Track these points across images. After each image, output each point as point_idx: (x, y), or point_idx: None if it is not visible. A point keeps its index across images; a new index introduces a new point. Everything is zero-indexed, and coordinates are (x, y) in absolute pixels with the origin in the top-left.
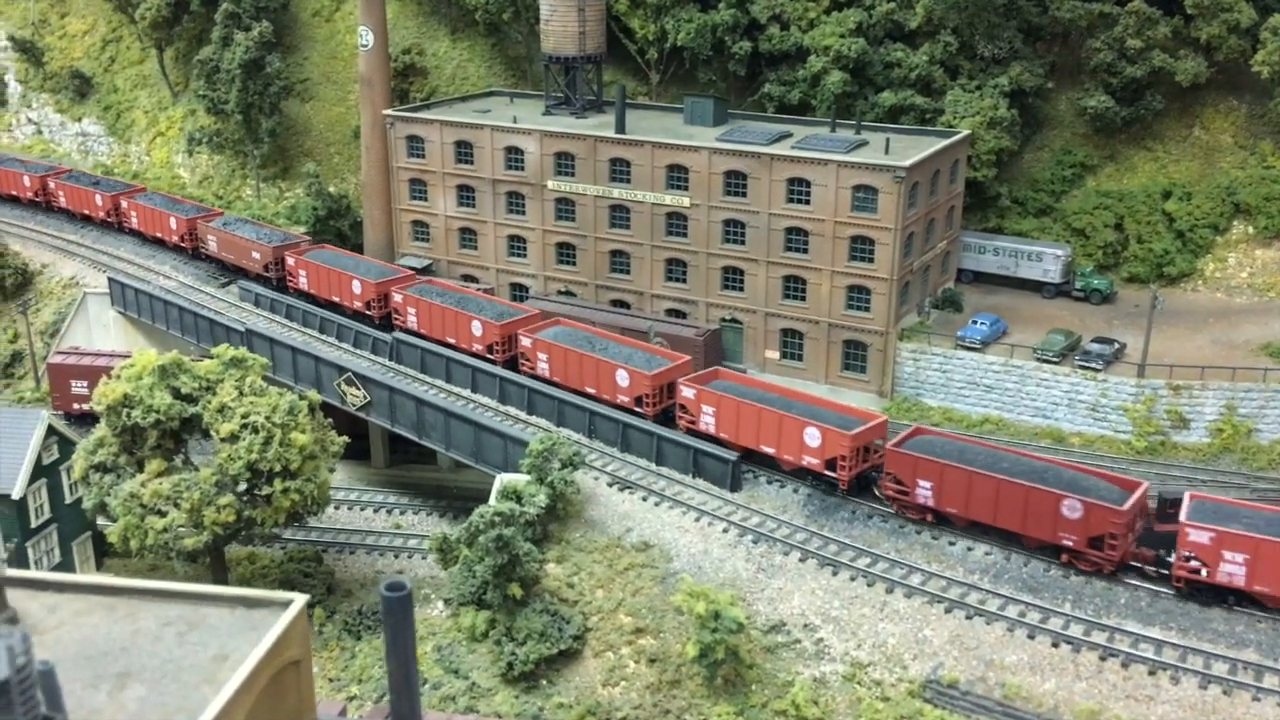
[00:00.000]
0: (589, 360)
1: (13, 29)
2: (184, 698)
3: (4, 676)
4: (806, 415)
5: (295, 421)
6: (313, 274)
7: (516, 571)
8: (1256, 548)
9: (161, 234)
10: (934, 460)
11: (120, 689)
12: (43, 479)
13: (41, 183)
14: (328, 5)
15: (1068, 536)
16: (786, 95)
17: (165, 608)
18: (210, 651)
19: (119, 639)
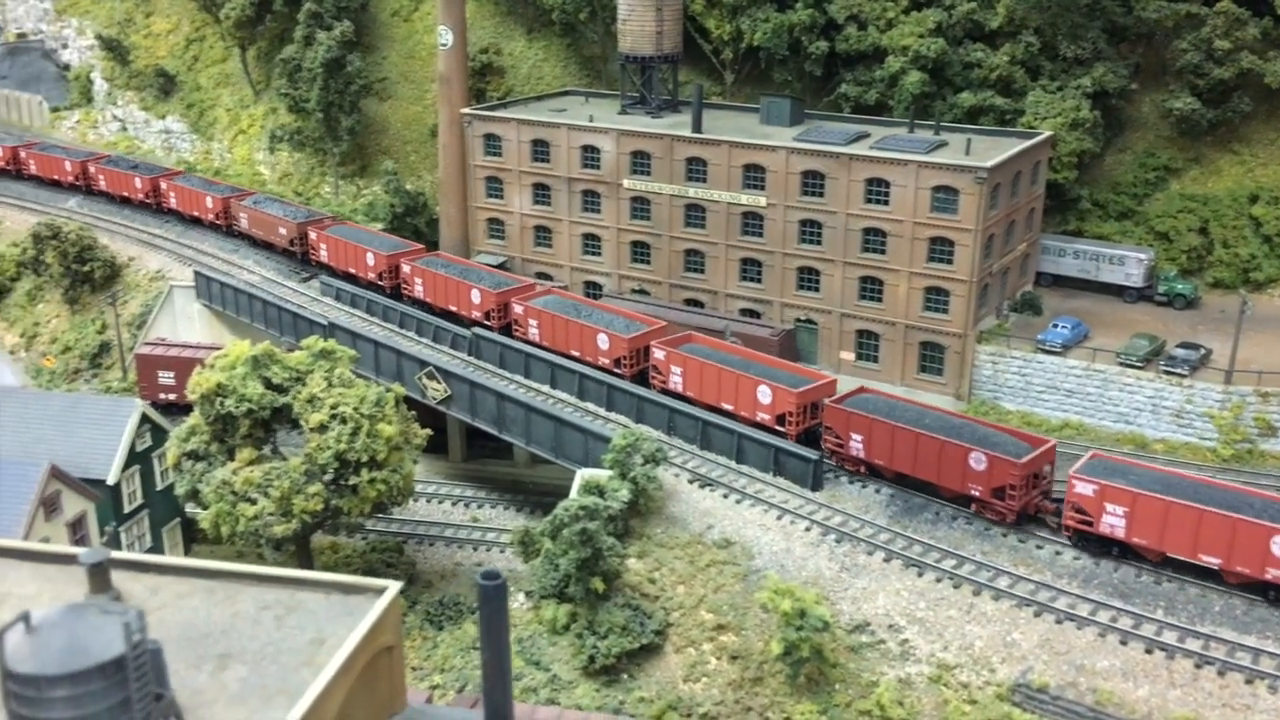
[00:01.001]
0: (574, 325)
1: (99, 28)
2: (284, 680)
3: (121, 652)
4: (761, 375)
5: (382, 413)
6: (331, 246)
7: (599, 565)
8: (1134, 501)
9: (198, 212)
10: (864, 415)
11: (222, 669)
12: (136, 466)
13: (82, 167)
14: (406, 5)
15: (975, 487)
16: (863, 95)
17: (263, 591)
18: (308, 635)
19: (219, 621)
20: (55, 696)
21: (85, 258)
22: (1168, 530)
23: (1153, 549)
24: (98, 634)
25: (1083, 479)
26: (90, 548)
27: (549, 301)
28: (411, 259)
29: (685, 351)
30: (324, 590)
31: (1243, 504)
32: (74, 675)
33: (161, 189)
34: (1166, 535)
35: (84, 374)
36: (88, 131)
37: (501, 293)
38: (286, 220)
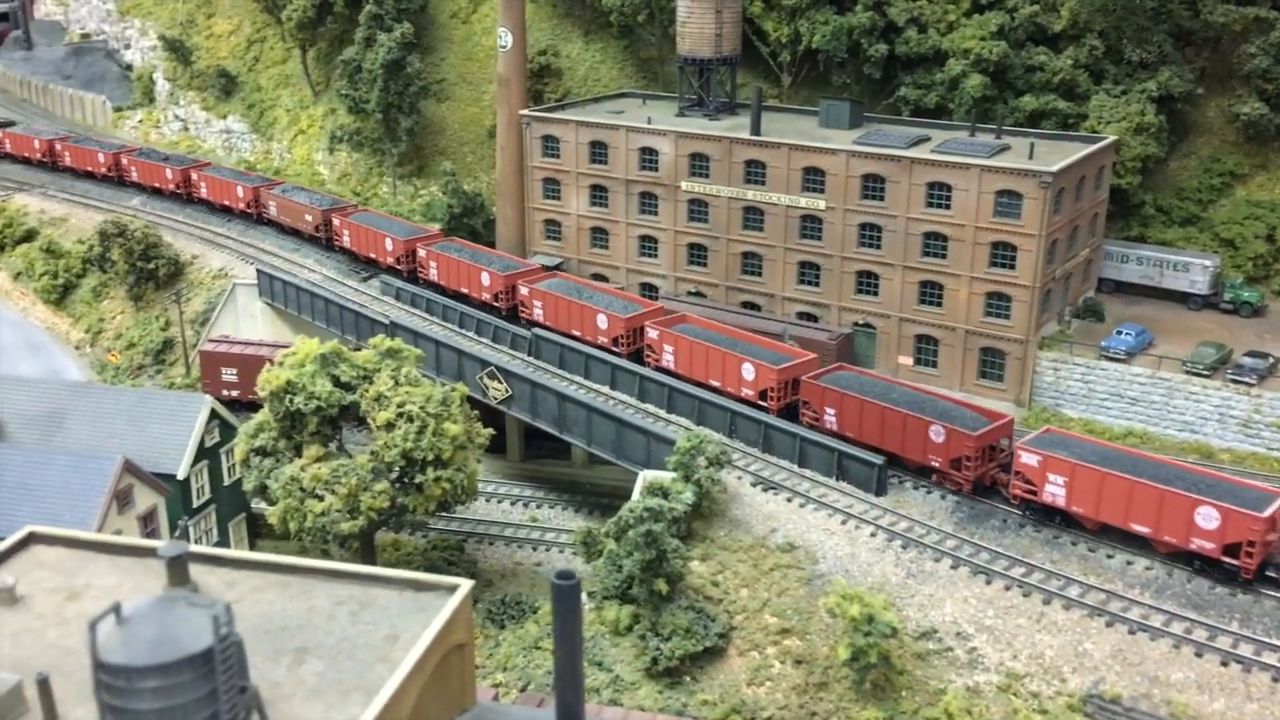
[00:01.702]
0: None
1: (162, 29)
2: (360, 675)
3: (209, 645)
4: (745, 353)
5: (448, 412)
6: (353, 232)
7: (663, 567)
8: (1073, 471)
9: (229, 201)
10: (836, 390)
11: (299, 664)
12: (204, 461)
13: (115, 159)
14: (465, 7)
15: (934, 458)
16: (923, 98)
17: (337, 587)
18: (382, 631)
19: (295, 615)
20: (145, 687)
21: (150, 255)
22: (1103, 500)
23: (1090, 518)
24: (186, 626)
25: (1028, 450)
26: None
27: (553, 284)
28: (427, 244)
29: (677, 331)
30: (396, 587)
31: (1174, 477)
32: (163, 667)
33: (192, 179)
34: (1102, 505)
35: (148, 370)
36: (150, 131)
37: (509, 275)
38: (312, 207)
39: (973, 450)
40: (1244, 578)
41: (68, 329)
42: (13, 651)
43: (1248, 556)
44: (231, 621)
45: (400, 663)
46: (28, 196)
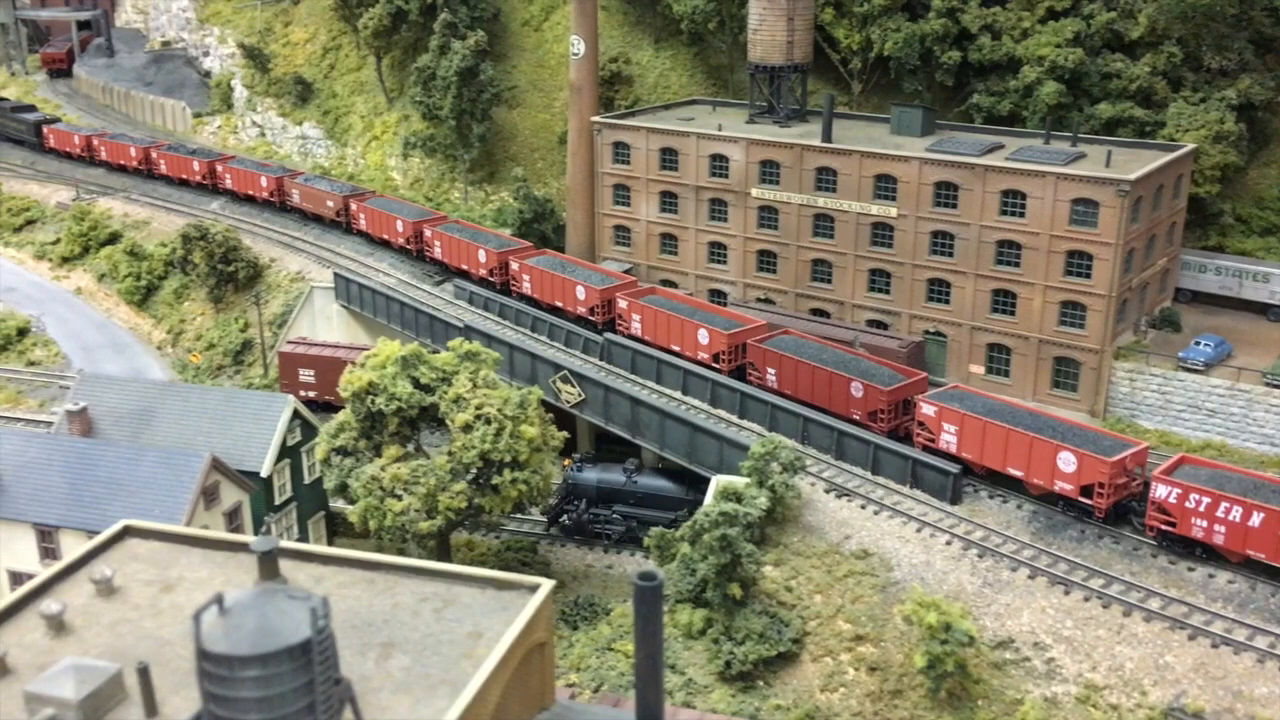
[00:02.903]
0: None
1: (240, 36)
2: (445, 670)
3: (307, 636)
4: (701, 320)
5: (525, 414)
6: (369, 216)
7: (737, 572)
8: (962, 421)
9: (253, 191)
10: (775, 352)
11: (386, 658)
12: (286, 460)
13: (145, 153)
14: (537, 15)
15: (855, 411)
16: (996, 106)
17: (421, 584)
18: (466, 628)
19: (381, 611)
20: (246, 676)
21: (230, 258)
22: (985, 446)
23: (976, 462)
24: (285, 618)
25: (927, 402)
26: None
27: (541, 261)
28: (432, 225)
29: (644, 301)
30: (479, 585)
31: (1045, 426)
32: (264, 656)
33: (218, 171)
34: (985, 450)
35: (227, 370)
36: (228, 136)
37: (502, 253)
38: (333, 194)
39: (885, 404)
40: (1097, 516)
41: (150, 329)
42: (111, 641)
43: (1099, 497)
44: (328, 614)
45: (484, 660)
46: (111, 200)
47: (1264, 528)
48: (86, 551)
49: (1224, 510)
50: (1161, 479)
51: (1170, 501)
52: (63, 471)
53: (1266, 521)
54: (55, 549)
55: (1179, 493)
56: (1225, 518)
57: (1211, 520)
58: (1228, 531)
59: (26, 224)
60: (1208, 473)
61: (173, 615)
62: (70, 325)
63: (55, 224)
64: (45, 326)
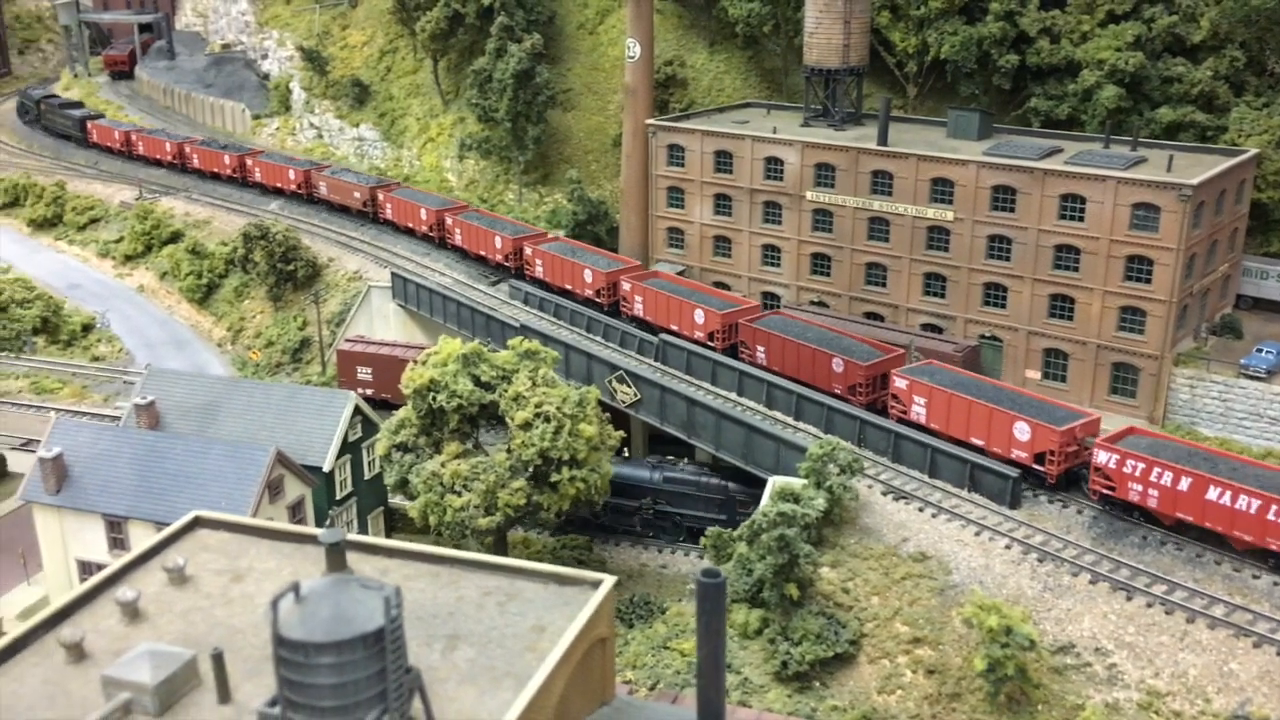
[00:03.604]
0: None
1: (299, 39)
2: (509, 663)
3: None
4: (698, 300)
5: (583, 413)
6: (395, 206)
7: (795, 572)
8: (930, 393)
9: (280, 184)
10: (765, 331)
11: (451, 650)
12: (347, 455)
13: (179, 148)
14: (592, 19)
15: (836, 385)
16: (1054, 110)
17: (484, 578)
18: (529, 622)
19: (445, 604)
20: (321, 663)
21: (290, 257)
22: (951, 417)
23: (943, 432)
24: (360, 606)
25: (899, 376)
26: (329, 529)
27: (552, 246)
28: (454, 214)
29: (645, 284)
30: (541, 580)
31: (1004, 398)
32: (339, 644)
33: (247, 165)
34: (951, 420)
35: (285, 367)
36: (286, 138)
37: (517, 239)
38: (360, 185)
39: (863, 378)
40: (1049, 483)
41: (210, 327)
42: (184, 628)
43: (1051, 464)
44: (401, 604)
45: (548, 653)
46: (173, 200)
47: (1191, 492)
48: (158, 541)
49: (1156, 475)
50: (1102, 445)
51: (1110, 467)
52: (132, 463)
53: (1194, 486)
54: (124, 539)
55: (1117, 459)
56: (1158, 482)
57: (1146, 485)
58: (1160, 495)
59: (91, 222)
60: (1148, 441)
61: (243, 604)
62: (133, 322)
63: (119, 223)
64: (110, 323)
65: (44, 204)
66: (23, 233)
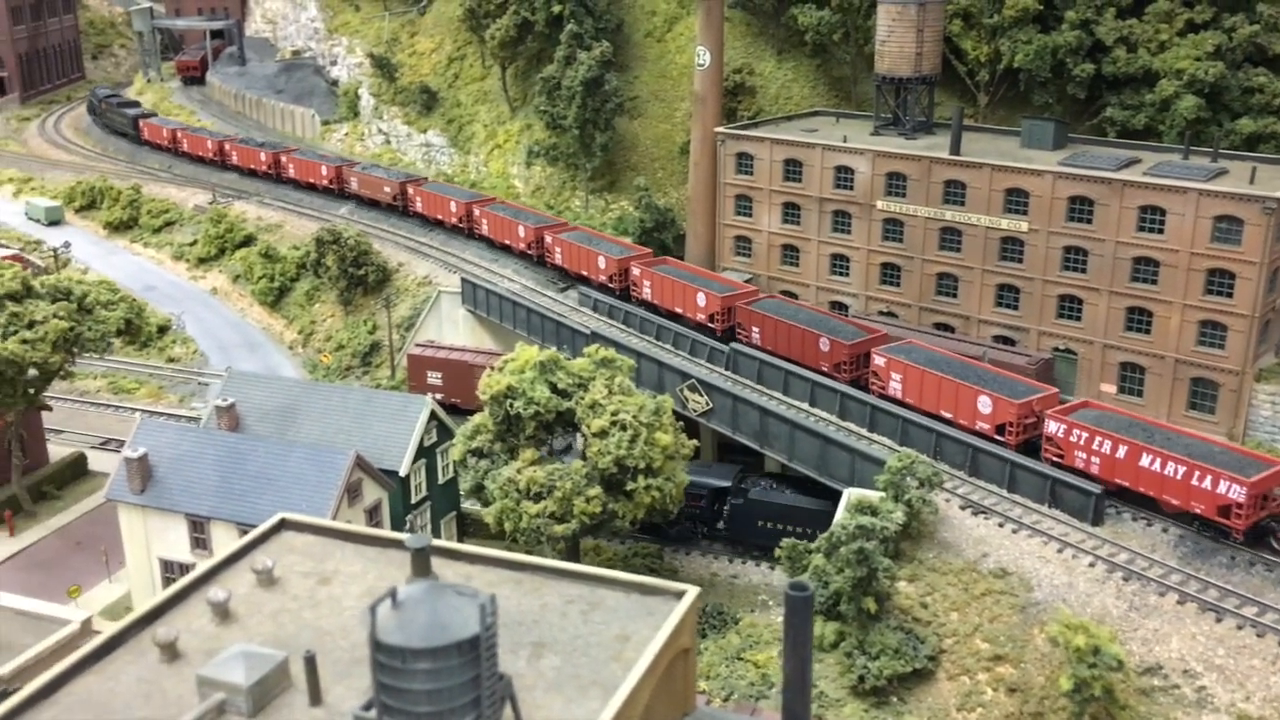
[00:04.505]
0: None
1: (368, 46)
2: (595, 672)
3: (475, 632)
4: (700, 285)
5: (659, 422)
6: (425, 199)
7: (873, 586)
8: (905, 370)
9: (314, 179)
10: (759, 313)
11: (537, 657)
12: (423, 459)
13: (220, 146)
14: (659, 26)
15: (823, 363)
16: (1130, 120)
17: (566, 586)
18: (613, 631)
19: (529, 611)
20: (417, 669)
21: (361, 262)
22: (923, 392)
23: (916, 405)
24: (456, 613)
25: (878, 354)
26: (415, 534)
27: (571, 235)
28: (481, 205)
29: (654, 270)
30: (624, 589)
31: (970, 374)
32: (435, 650)
33: (281, 162)
34: (923, 395)
35: (355, 371)
36: (355, 144)
37: (539, 228)
38: (390, 180)
39: (847, 356)
40: (1010, 448)
41: (282, 329)
42: (273, 630)
43: (1009, 434)
44: (495, 612)
45: (634, 662)
46: (245, 204)
47: (1127, 459)
48: (246, 543)
49: (1098, 444)
50: (1052, 416)
51: (1059, 436)
52: (215, 464)
53: (1129, 454)
54: (206, 539)
55: (1064, 428)
56: (1099, 450)
57: (1089, 452)
58: (1101, 462)
59: (165, 225)
60: (1095, 413)
61: (330, 607)
62: (207, 324)
63: (192, 226)
64: (185, 325)
65: (120, 207)
66: (99, 235)
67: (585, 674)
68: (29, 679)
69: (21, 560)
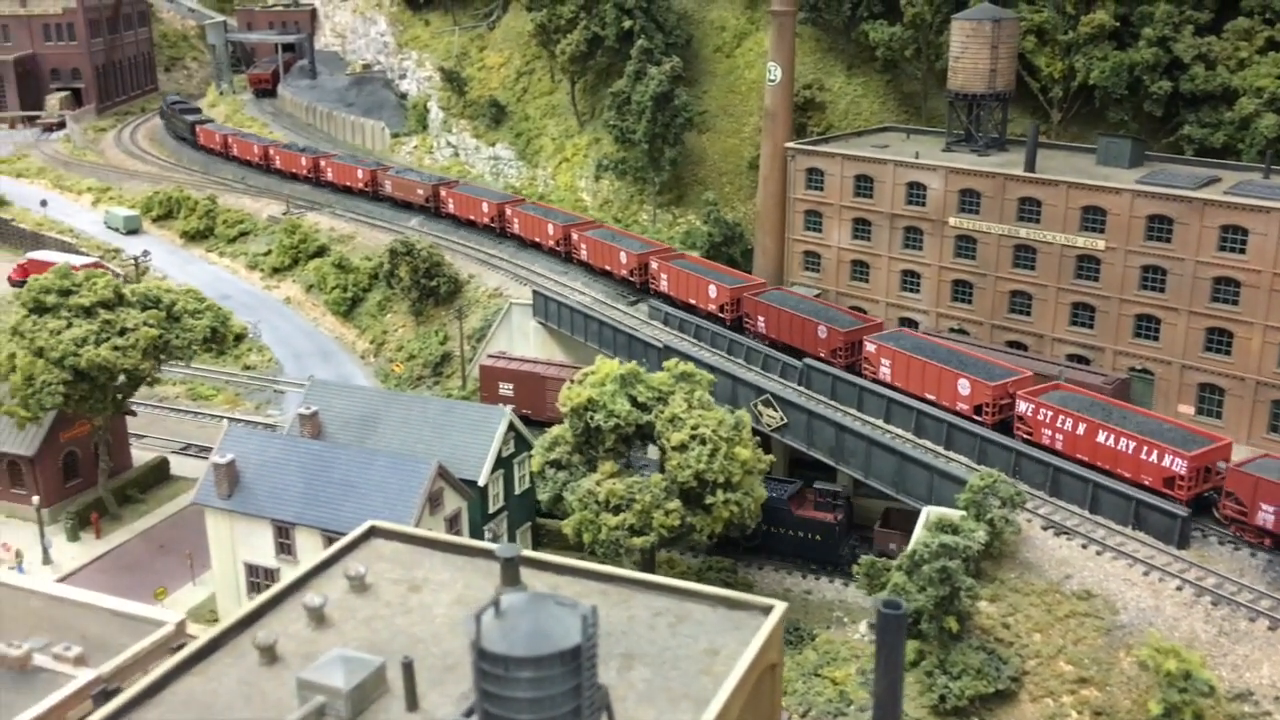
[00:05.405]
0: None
1: (438, 60)
2: (686, 685)
3: (577, 642)
4: (712, 278)
5: (739, 436)
6: (456, 200)
7: (955, 605)
8: (894, 356)
9: (349, 182)
10: (763, 303)
11: (627, 669)
12: (500, 470)
13: (264, 150)
14: (728, 42)
15: (821, 349)
16: (1208, 138)
17: (652, 598)
18: (701, 644)
19: (617, 623)
20: (520, 677)
21: (433, 273)
22: (910, 376)
23: (905, 389)
24: (558, 623)
25: (869, 340)
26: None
27: (596, 233)
28: (513, 205)
29: (670, 264)
30: (710, 603)
31: (953, 359)
32: (538, 659)
33: (320, 166)
34: (910, 379)
35: (426, 380)
36: (424, 156)
37: (566, 226)
38: (423, 183)
39: (842, 343)
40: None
41: (354, 339)
42: (367, 635)
43: (986, 414)
44: (597, 623)
45: (724, 677)
46: (318, 215)
47: (1086, 435)
48: (337, 549)
49: (1061, 421)
50: (1022, 396)
51: (1029, 415)
52: (299, 471)
53: (1088, 430)
54: (291, 545)
55: (1032, 408)
56: (1062, 428)
57: (1054, 430)
58: (1064, 439)
59: (240, 235)
60: (1062, 394)
61: (421, 614)
62: (281, 332)
63: (266, 236)
64: (261, 333)
65: (196, 217)
66: (176, 244)
67: (676, 686)
68: (126, 677)
69: (108, 562)
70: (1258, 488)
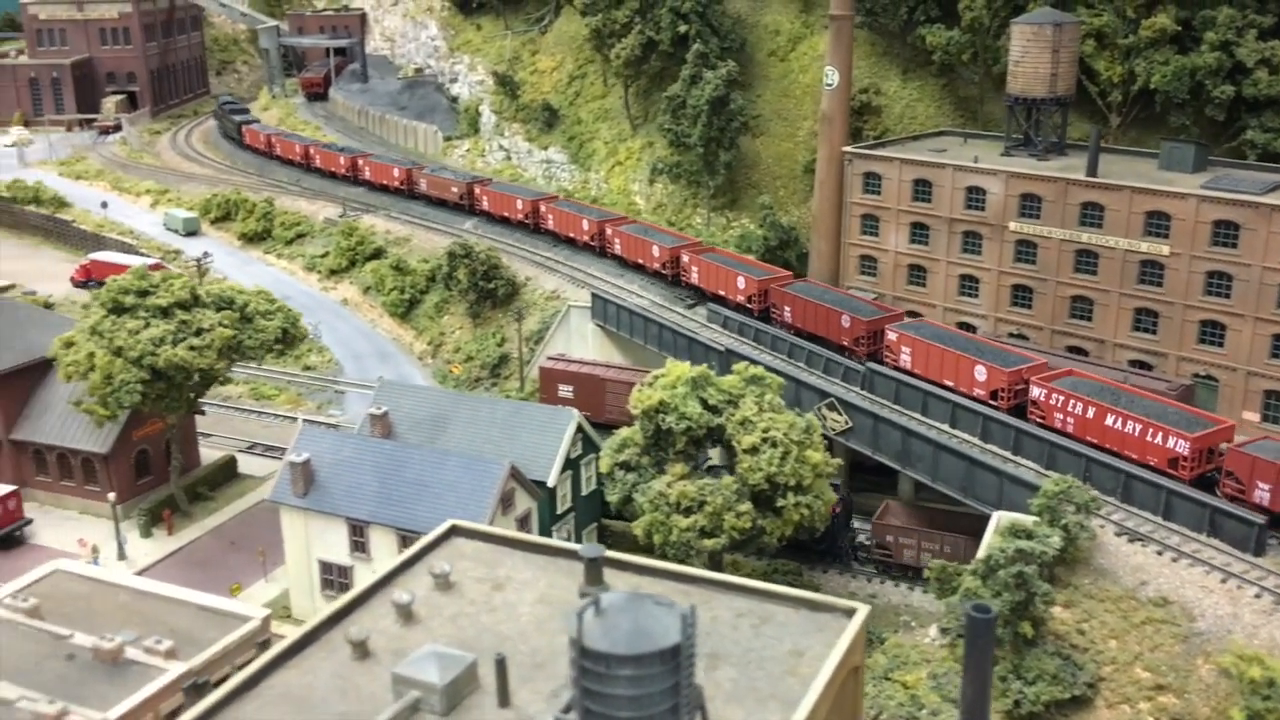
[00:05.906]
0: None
1: (490, 65)
2: (772, 685)
3: (676, 641)
4: (740, 270)
5: (810, 440)
6: (491, 199)
7: (1029, 610)
8: (914, 344)
9: (386, 181)
10: (790, 294)
11: (713, 669)
12: (569, 471)
13: (305, 150)
14: (783, 46)
15: (844, 338)
16: (1272, 143)
17: (734, 600)
18: (785, 646)
19: (701, 623)
20: (620, 675)
21: (491, 276)
22: (929, 363)
23: (924, 375)
24: (657, 623)
25: (890, 329)
26: (588, 544)
27: (629, 228)
28: (547, 202)
29: (701, 257)
30: (792, 605)
31: (970, 346)
32: (638, 657)
33: (359, 165)
34: (929, 366)
35: (484, 382)
36: (476, 159)
37: (601, 222)
38: (458, 181)
39: (865, 331)
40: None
41: (411, 340)
42: (454, 632)
43: (1002, 399)
44: (695, 623)
45: (810, 678)
46: (374, 218)
47: (1096, 419)
48: (420, 548)
49: (1072, 405)
50: (1036, 382)
51: (1042, 400)
52: (373, 471)
53: (1097, 414)
54: (364, 543)
55: (1045, 393)
56: (1073, 411)
57: (1065, 413)
58: (1075, 422)
59: (297, 238)
60: (1073, 380)
61: (506, 612)
62: (340, 333)
63: (323, 238)
64: (321, 334)
65: (254, 219)
66: (233, 246)
67: (762, 687)
68: (216, 670)
69: (181, 558)
70: (1254, 467)
